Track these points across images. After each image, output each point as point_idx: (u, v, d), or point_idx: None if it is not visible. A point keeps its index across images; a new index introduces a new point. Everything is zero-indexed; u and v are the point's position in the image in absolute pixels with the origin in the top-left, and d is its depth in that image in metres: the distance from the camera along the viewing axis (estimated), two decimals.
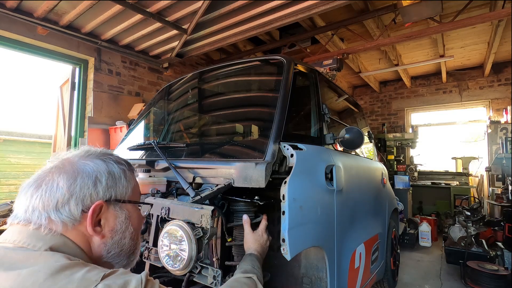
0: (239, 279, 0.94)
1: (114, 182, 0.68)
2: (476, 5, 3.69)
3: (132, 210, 0.73)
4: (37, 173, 0.66)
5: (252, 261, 1.05)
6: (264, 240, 1.17)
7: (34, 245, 0.57)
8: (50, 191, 0.61)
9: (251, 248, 1.14)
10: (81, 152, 0.70)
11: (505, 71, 5.61)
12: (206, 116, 2.13)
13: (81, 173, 0.64)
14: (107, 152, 0.74)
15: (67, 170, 0.64)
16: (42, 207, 0.60)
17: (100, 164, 0.68)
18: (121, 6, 2.66)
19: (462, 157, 5.83)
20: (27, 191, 0.62)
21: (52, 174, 0.64)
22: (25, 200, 0.62)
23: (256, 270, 1.01)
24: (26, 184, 0.64)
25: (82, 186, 0.63)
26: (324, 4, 2.60)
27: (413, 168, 5.81)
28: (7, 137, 7.10)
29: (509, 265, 3.05)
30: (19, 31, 3.02)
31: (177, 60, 3.87)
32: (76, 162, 0.66)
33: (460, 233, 3.51)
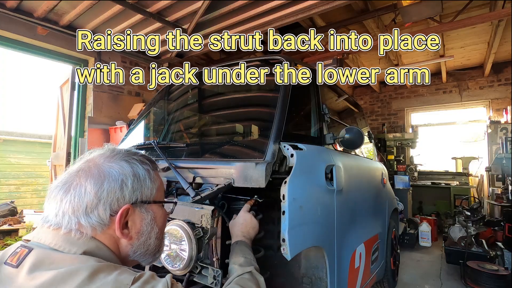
0: (241, 279, 0.92)
1: (139, 185, 0.69)
2: (476, 5, 3.69)
3: (157, 210, 0.74)
4: (64, 175, 0.66)
5: (241, 250, 1.03)
6: (248, 219, 1.14)
7: (69, 250, 0.59)
8: (79, 196, 0.62)
9: (235, 234, 1.11)
10: (106, 153, 0.70)
11: (505, 71, 5.61)
12: (206, 116, 2.13)
13: (107, 178, 0.65)
14: (132, 152, 0.73)
15: (93, 174, 0.64)
16: (72, 212, 0.61)
17: (125, 167, 0.68)
18: (121, 6, 2.66)
19: (462, 157, 5.83)
20: (56, 195, 0.63)
21: (80, 178, 0.64)
22: (54, 204, 0.63)
23: (250, 260, 1.00)
24: (54, 186, 0.65)
25: (109, 191, 0.64)
26: (324, 4, 2.60)
27: (413, 168, 5.80)
28: (7, 137, 7.10)
29: (509, 265, 3.05)
30: (19, 31, 3.02)
31: (177, 60, 3.87)
32: (102, 165, 0.66)
33: (460, 233, 3.50)
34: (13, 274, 0.54)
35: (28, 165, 7.38)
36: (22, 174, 7.22)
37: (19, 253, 0.57)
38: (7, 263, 0.56)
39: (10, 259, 0.57)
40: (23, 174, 7.23)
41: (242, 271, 0.95)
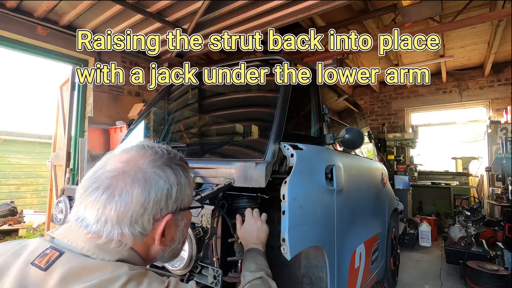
0: (252, 285, 0.92)
1: (181, 194, 0.67)
2: (476, 5, 3.69)
3: (189, 215, 0.74)
4: (98, 174, 0.61)
5: (253, 257, 1.03)
6: (258, 226, 1.13)
7: (103, 258, 0.57)
8: (124, 204, 0.58)
9: (247, 242, 1.11)
10: (148, 154, 0.65)
11: (505, 71, 5.61)
12: (206, 116, 2.14)
13: (154, 187, 0.62)
14: (173, 155, 0.70)
15: (140, 181, 0.61)
16: (116, 221, 0.58)
17: (170, 175, 0.65)
18: (121, 6, 2.66)
19: (462, 157, 5.83)
20: (98, 198, 0.58)
21: (125, 183, 0.60)
22: (95, 208, 0.58)
23: (261, 265, 1.00)
24: (89, 185, 0.60)
25: (156, 201, 0.62)
26: (324, 4, 2.60)
27: (413, 168, 5.81)
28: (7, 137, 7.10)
29: (509, 265, 3.05)
30: (19, 31, 3.02)
31: (177, 60, 3.87)
32: (147, 171, 0.62)
33: (460, 233, 3.50)
34: (41, 278, 0.51)
35: (28, 165, 7.38)
36: (22, 174, 7.22)
37: (49, 256, 0.54)
38: (35, 264, 0.53)
39: (38, 261, 0.54)
40: (23, 174, 7.24)
41: (252, 277, 0.95)
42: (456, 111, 6.37)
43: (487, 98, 5.79)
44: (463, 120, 6.33)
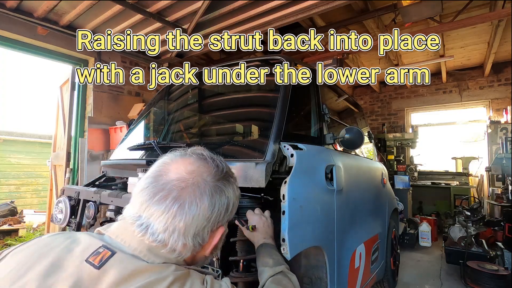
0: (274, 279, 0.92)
1: (233, 207, 0.71)
2: (476, 5, 3.69)
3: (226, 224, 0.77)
4: (169, 182, 0.62)
5: (268, 252, 1.03)
6: (264, 221, 1.14)
7: (153, 260, 0.59)
8: (192, 216, 0.60)
9: (256, 240, 1.11)
10: (211, 168, 0.68)
11: (505, 71, 5.61)
12: (206, 116, 2.14)
13: (218, 202, 0.65)
14: (228, 169, 0.73)
15: (207, 195, 0.63)
16: (183, 232, 0.60)
17: (231, 192, 0.69)
18: (121, 6, 2.66)
19: (462, 157, 5.83)
20: (168, 208, 0.59)
21: (195, 196, 0.61)
22: (165, 218, 0.59)
23: (278, 260, 1.00)
24: (155, 192, 0.60)
25: (217, 215, 0.65)
26: (324, 4, 2.60)
27: (413, 168, 5.81)
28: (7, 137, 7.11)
29: (509, 265, 3.05)
30: (19, 31, 3.02)
31: (177, 60, 3.87)
32: (213, 185, 0.65)
33: (460, 233, 3.50)
34: (95, 277, 0.53)
35: (28, 165, 7.38)
36: (22, 174, 7.23)
37: (102, 254, 0.56)
38: (89, 262, 0.55)
39: (92, 258, 0.55)
40: (23, 174, 7.24)
41: (273, 271, 0.95)
42: (456, 111, 6.37)
43: (487, 98, 5.79)
44: (463, 120, 6.34)
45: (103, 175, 2.03)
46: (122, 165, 1.87)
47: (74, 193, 1.70)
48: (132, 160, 1.78)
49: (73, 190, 1.74)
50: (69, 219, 1.65)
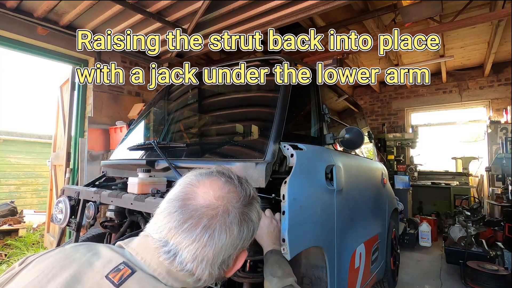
0: None
1: (257, 229, 0.69)
2: (476, 5, 3.69)
3: None
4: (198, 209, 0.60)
5: (277, 261, 1.02)
6: (274, 226, 1.14)
7: (172, 284, 0.58)
8: (222, 245, 0.59)
9: (265, 244, 1.10)
10: (239, 193, 0.66)
11: (505, 71, 5.61)
12: (206, 116, 2.13)
13: (245, 229, 0.64)
14: (253, 191, 0.71)
15: (236, 224, 0.62)
16: (211, 262, 0.59)
17: (255, 216, 0.67)
18: (121, 6, 2.66)
19: (462, 157, 5.83)
20: (198, 238, 0.58)
21: (225, 225, 0.60)
22: (194, 247, 0.58)
23: (287, 271, 1.00)
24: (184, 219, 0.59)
25: (243, 241, 0.64)
26: (324, 4, 2.60)
27: (413, 168, 5.81)
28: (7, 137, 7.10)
29: (509, 265, 3.05)
30: (19, 31, 3.02)
31: (177, 60, 3.87)
32: (240, 212, 0.63)
33: (460, 233, 3.50)
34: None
35: (28, 165, 7.38)
36: (22, 174, 7.22)
37: (122, 272, 0.55)
38: (109, 278, 0.54)
39: (112, 275, 0.55)
40: (23, 174, 7.24)
41: (282, 284, 0.94)
42: (456, 111, 6.37)
43: (487, 98, 5.79)
44: (463, 120, 6.34)
45: (103, 175, 2.03)
46: (122, 165, 1.87)
47: (74, 193, 1.70)
48: (132, 160, 1.78)
49: (73, 190, 1.74)
50: (69, 219, 1.65)
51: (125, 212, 1.65)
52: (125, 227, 1.61)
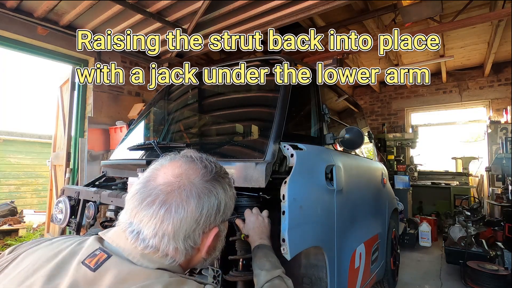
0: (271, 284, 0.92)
1: (226, 207, 0.70)
2: (476, 5, 3.69)
3: (227, 224, 0.76)
4: (156, 187, 0.62)
5: (264, 254, 1.02)
6: (260, 222, 1.15)
7: (147, 265, 0.59)
8: (180, 219, 0.60)
9: (252, 240, 1.11)
10: (199, 169, 0.67)
11: (505, 71, 5.61)
12: (206, 116, 2.13)
13: (206, 202, 0.64)
14: (221, 171, 0.72)
15: (194, 197, 0.63)
16: (172, 236, 0.60)
17: (219, 191, 0.67)
18: (121, 6, 2.66)
19: (462, 157, 5.83)
20: (155, 213, 0.59)
21: (181, 199, 0.61)
22: (153, 223, 0.59)
23: (275, 263, 1.00)
24: (143, 198, 0.61)
25: (207, 217, 0.64)
26: (324, 4, 2.60)
27: (413, 168, 5.81)
28: (7, 137, 7.10)
29: (509, 265, 3.05)
30: (19, 31, 3.02)
31: (177, 60, 3.87)
32: (200, 187, 0.64)
33: (460, 233, 3.51)
34: (91, 279, 0.54)
35: (28, 165, 7.38)
36: (22, 174, 7.22)
37: (98, 257, 0.57)
38: (85, 264, 0.56)
39: (88, 260, 0.56)
40: (23, 174, 7.24)
41: (271, 275, 0.94)
42: (456, 111, 6.37)
43: (487, 98, 5.79)
44: (463, 120, 6.34)
45: (103, 175, 2.03)
46: (122, 165, 1.87)
47: (74, 193, 1.71)
48: (132, 160, 1.78)
49: (73, 190, 1.74)
50: (69, 219, 1.65)
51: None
52: None
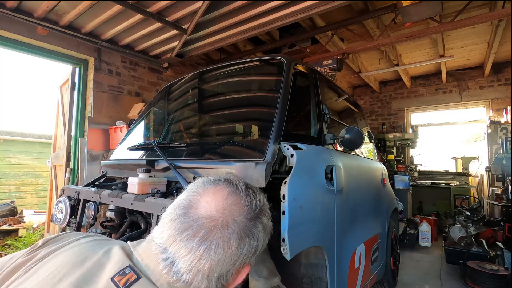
0: None
1: (263, 246, 0.66)
2: (476, 5, 3.69)
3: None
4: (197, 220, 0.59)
5: (262, 260, 1.02)
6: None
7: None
8: (218, 260, 0.57)
9: None
10: (244, 205, 0.63)
11: (505, 71, 5.61)
12: (206, 116, 2.14)
13: (247, 246, 0.61)
14: (262, 203, 0.67)
15: (236, 238, 0.60)
16: (207, 275, 0.57)
17: (260, 231, 0.64)
18: (121, 6, 2.66)
19: (462, 157, 5.83)
20: (194, 249, 0.57)
21: (222, 238, 0.58)
22: (190, 258, 0.56)
23: (272, 269, 0.99)
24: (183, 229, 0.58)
25: (244, 257, 0.61)
26: (324, 4, 2.60)
27: (413, 168, 5.81)
28: (7, 137, 7.10)
29: (509, 265, 3.05)
30: (19, 31, 3.02)
31: (177, 60, 3.87)
32: (242, 227, 0.61)
33: (460, 233, 3.50)
34: None
35: (28, 165, 7.38)
36: (22, 174, 7.22)
37: (128, 276, 0.55)
38: (114, 281, 0.54)
39: (117, 278, 0.55)
40: (23, 174, 7.24)
41: (269, 285, 0.94)
42: (456, 111, 6.37)
43: (487, 98, 5.79)
44: (463, 120, 6.34)
45: (103, 175, 2.03)
46: (122, 165, 1.87)
47: (74, 193, 1.71)
48: (132, 160, 1.78)
49: (73, 190, 1.74)
50: (69, 219, 1.65)
51: (125, 212, 1.65)
52: (125, 227, 1.61)
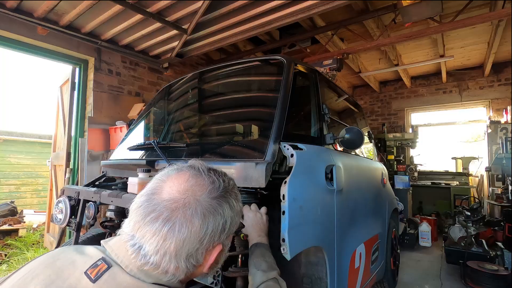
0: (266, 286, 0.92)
1: (232, 225, 0.67)
2: (476, 5, 3.69)
3: (231, 237, 0.73)
4: (160, 203, 0.60)
5: (262, 254, 1.03)
6: (259, 218, 1.15)
7: (144, 279, 0.58)
8: (183, 238, 0.58)
9: (251, 237, 1.11)
10: (206, 185, 0.64)
11: (505, 71, 5.61)
12: (206, 116, 2.14)
13: (211, 223, 0.62)
14: (227, 183, 0.68)
15: (199, 216, 0.60)
16: (174, 255, 0.58)
17: (226, 209, 0.65)
18: (121, 6, 2.66)
19: (462, 157, 5.83)
20: (158, 230, 0.58)
21: (185, 217, 0.59)
22: (155, 240, 0.58)
23: (271, 263, 1.00)
24: (147, 213, 0.59)
25: (211, 236, 0.62)
26: (324, 4, 2.60)
27: (413, 168, 5.80)
28: (7, 137, 7.10)
29: (509, 265, 3.05)
30: (19, 31, 3.02)
31: (177, 60, 3.87)
32: (205, 205, 0.62)
33: (460, 233, 3.51)
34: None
35: (28, 165, 7.38)
36: (22, 174, 7.22)
37: (99, 267, 0.57)
38: (87, 274, 0.56)
39: (90, 271, 0.56)
40: (23, 174, 7.24)
41: (266, 277, 0.95)
42: (456, 111, 6.37)
43: (487, 98, 5.79)
44: (463, 120, 6.34)
45: (103, 175, 2.03)
46: (122, 165, 1.87)
47: (74, 193, 1.71)
48: (132, 160, 1.78)
49: (73, 190, 1.74)
50: (69, 219, 1.66)
51: (125, 212, 1.65)
52: None
